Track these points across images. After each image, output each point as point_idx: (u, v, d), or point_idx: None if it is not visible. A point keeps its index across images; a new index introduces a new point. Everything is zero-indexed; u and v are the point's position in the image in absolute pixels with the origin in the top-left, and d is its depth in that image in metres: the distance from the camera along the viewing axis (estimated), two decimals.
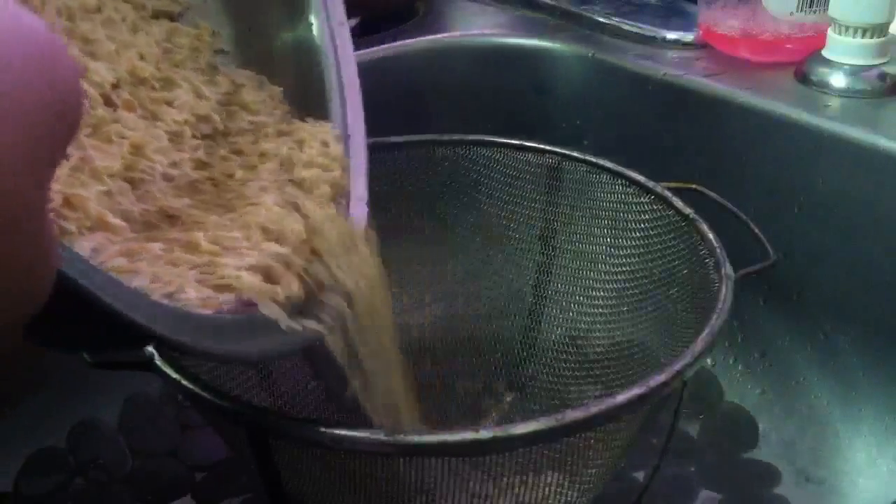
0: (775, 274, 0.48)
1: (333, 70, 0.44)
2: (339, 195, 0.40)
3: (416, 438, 0.35)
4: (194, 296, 0.30)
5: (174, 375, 0.38)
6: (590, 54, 0.67)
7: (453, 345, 0.60)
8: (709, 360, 0.61)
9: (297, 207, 0.36)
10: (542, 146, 0.56)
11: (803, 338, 0.59)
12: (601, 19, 0.70)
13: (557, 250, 0.58)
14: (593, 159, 0.55)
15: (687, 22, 0.68)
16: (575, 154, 0.55)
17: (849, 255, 0.56)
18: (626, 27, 0.69)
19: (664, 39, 0.67)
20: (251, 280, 0.32)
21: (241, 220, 0.34)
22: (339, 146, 0.41)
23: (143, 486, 0.56)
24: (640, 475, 0.55)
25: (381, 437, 0.35)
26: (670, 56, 0.65)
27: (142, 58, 0.37)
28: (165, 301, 0.29)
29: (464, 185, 0.58)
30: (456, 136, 0.57)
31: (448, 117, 0.63)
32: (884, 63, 0.59)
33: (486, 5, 0.76)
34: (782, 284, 0.58)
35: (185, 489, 0.56)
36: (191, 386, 0.38)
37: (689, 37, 0.66)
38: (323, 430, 0.35)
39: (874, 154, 0.54)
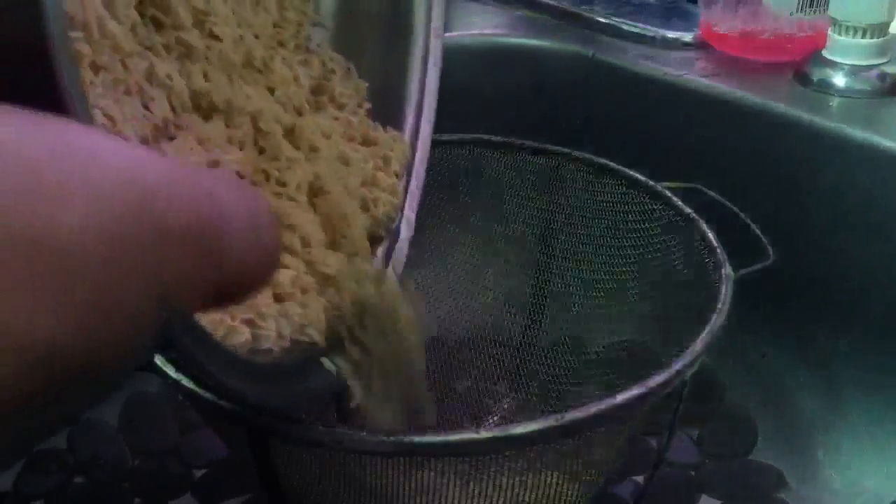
0: (775, 274, 0.48)
1: (417, 81, 0.44)
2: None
3: (416, 439, 0.35)
4: (274, 331, 0.31)
5: (174, 376, 0.38)
6: (590, 54, 0.67)
7: (453, 345, 0.60)
8: (709, 361, 0.61)
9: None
10: (542, 146, 0.56)
11: (803, 338, 0.59)
12: (601, 19, 0.70)
13: (557, 250, 0.58)
14: (593, 159, 0.55)
15: (687, 22, 0.68)
16: (575, 154, 0.55)
17: (849, 255, 0.56)
18: (626, 27, 0.69)
19: (664, 39, 0.67)
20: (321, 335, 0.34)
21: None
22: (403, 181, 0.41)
23: (144, 485, 0.56)
24: (640, 477, 0.55)
25: (382, 437, 0.35)
26: (670, 56, 0.65)
27: (256, 37, 0.36)
28: (245, 328, 0.30)
29: (463, 185, 0.58)
30: (456, 136, 0.57)
31: (448, 117, 0.63)
32: (884, 63, 0.59)
33: (485, 5, 0.76)
34: (782, 284, 0.58)
35: (186, 488, 0.56)
36: (191, 386, 0.38)
37: (688, 37, 0.66)
38: (323, 430, 0.35)
39: (874, 154, 0.54)
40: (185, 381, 0.38)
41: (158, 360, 0.39)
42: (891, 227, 0.54)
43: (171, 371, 0.39)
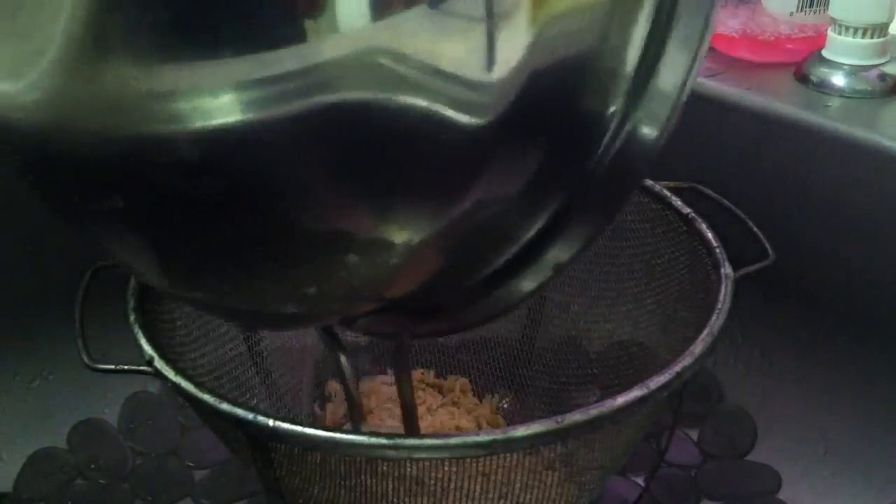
0: (775, 274, 0.48)
1: None
2: None
3: (416, 442, 0.35)
4: None
5: (174, 379, 0.38)
6: None
7: (452, 345, 0.60)
8: (708, 361, 0.61)
9: None
10: None
11: (803, 338, 0.59)
12: None
13: None
14: None
15: None
16: None
17: (849, 255, 0.56)
18: None
19: None
20: None
21: None
22: None
23: (144, 486, 0.56)
24: (640, 477, 0.55)
25: (382, 440, 0.35)
26: None
27: None
28: None
29: None
30: None
31: None
32: (884, 63, 0.59)
33: None
34: (782, 284, 0.58)
35: (186, 489, 0.56)
36: (191, 389, 0.38)
37: None
38: (323, 433, 0.35)
39: (874, 154, 0.54)
40: (185, 384, 0.38)
41: (159, 363, 0.39)
42: (891, 227, 0.54)
43: (170, 374, 0.39)
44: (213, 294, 0.31)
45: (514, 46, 0.26)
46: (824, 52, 0.60)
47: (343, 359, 0.37)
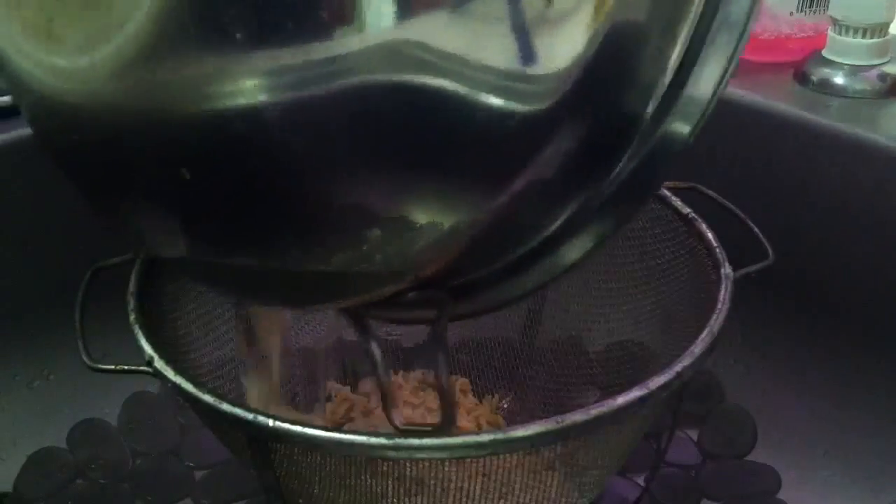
0: (775, 274, 0.48)
1: None
2: None
3: (416, 441, 0.35)
4: None
5: (174, 379, 0.38)
6: None
7: (452, 346, 0.60)
8: (709, 361, 0.61)
9: None
10: None
11: (803, 338, 0.59)
12: None
13: None
14: None
15: None
16: None
17: (849, 255, 0.56)
18: None
19: None
20: None
21: None
22: None
23: (144, 486, 0.56)
24: (640, 477, 0.55)
25: (382, 440, 0.35)
26: None
27: None
28: None
29: None
30: None
31: None
32: (884, 63, 0.59)
33: None
34: (782, 284, 0.58)
35: (186, 489, 0.56)
36: (191, 389, 0.38)
37: None
38: (323, 433, 0.35)
39: (874, 154, 0.54)
40: (185, 385, 0.38)
41: (159, 363, 0.39)
42: (891, 227, 0.54)
43: (170, 374, 0.39)
44: (247, 259, 0.32)
45: (568, 42, 0.27)
46: (824, 52, 0.60)
47: (375, 347, 0.37)
